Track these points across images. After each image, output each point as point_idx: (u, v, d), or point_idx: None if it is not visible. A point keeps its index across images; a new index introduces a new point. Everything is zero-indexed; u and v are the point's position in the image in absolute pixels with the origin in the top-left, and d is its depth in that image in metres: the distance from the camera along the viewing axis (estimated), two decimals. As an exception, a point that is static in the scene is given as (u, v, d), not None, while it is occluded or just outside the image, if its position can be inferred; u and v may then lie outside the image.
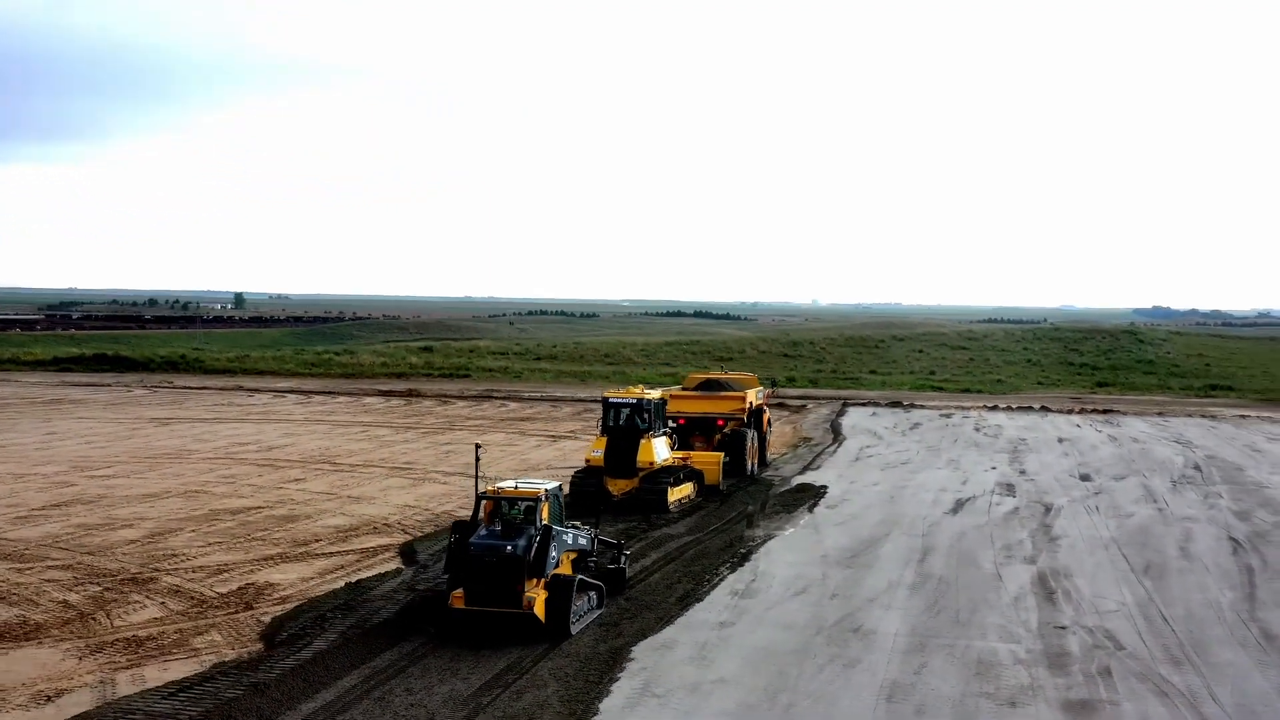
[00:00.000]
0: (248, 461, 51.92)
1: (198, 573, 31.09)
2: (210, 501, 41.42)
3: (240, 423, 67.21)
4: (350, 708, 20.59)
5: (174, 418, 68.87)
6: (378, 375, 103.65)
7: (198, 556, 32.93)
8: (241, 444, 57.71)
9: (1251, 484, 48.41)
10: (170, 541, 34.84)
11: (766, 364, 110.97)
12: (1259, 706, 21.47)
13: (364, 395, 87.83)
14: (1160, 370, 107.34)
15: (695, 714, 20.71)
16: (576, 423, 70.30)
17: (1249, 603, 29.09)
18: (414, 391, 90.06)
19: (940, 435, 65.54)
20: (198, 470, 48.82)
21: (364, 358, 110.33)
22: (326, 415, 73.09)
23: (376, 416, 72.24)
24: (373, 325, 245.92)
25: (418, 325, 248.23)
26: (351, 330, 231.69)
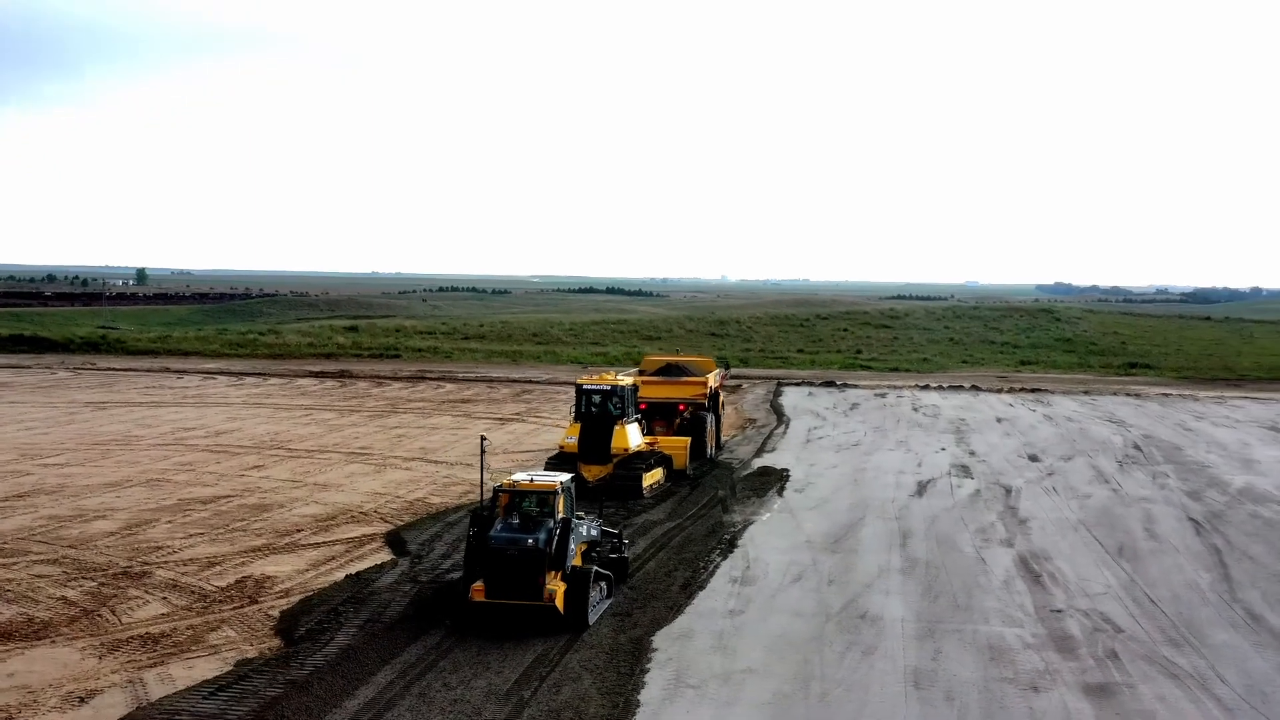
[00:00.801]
0: (199, 448, 51.33)
1: (189, 566, 30.86)
2: (175, 490, 40.98)
3: (179, 407, 66.28)
4: (395, 704, 20.72)
5: (109, 401, 67.71)
6: (305, 356, 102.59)
7: (183, 549, 32.64)
8: (187, 429, 56.99)
9: (1194, 464, 49.93)
10: (149, 533, 34.47)
11: (695, 343, 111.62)
12: (1267, 688, 22.41)
13: (295, 377, 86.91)
14: (1079, 348, 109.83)
15: (734, 704, 21.13)
16: (518, 404, 70.34)
17: (1227, 583, 30.19)
18: (346, 373, 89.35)
19: (881, 416, 66.57)
20: (151, 457, 48.19)
21: (289, 338, 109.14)
22: (264, 398, 72.32)
23: (315, 399, 71.63)
24: (282, 302, 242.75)
25: (328, 302, 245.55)
26: (261, 308, 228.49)
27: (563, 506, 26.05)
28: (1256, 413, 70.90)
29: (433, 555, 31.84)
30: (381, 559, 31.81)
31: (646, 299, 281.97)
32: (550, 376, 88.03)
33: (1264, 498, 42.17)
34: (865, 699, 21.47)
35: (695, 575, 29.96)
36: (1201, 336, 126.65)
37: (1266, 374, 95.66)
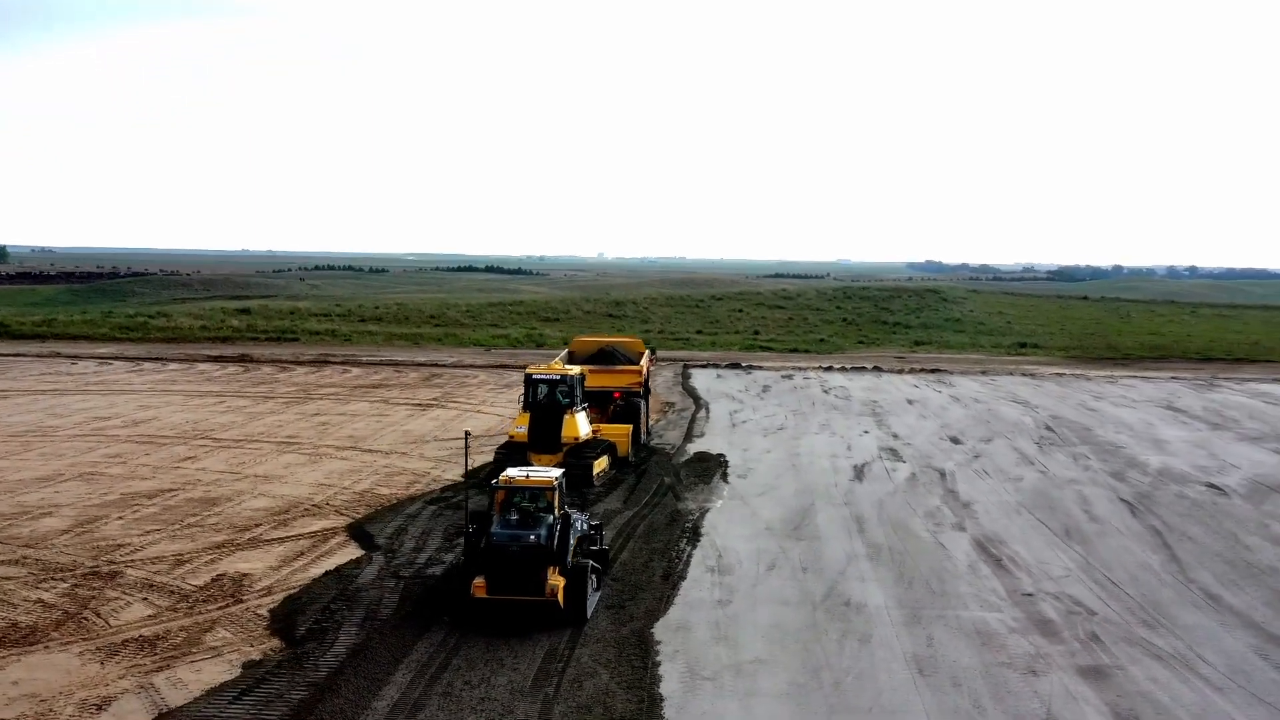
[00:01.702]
0: (121, 438, 50.37)
1: (157, 564, 30.51)
2: (114, 484, 40.29)
3: (84, 394, 64.75)
4: (423, 705, 20.90)
5: (10, 390, 65.89)
6: (200, 340, 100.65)
7: (144, 547, 32.23)
8: (102, 418, 55.79)
9: (1108, 445, 51.83)
10: (104, 531, 33.94)
11: (593, 324, 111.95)
12: (1246, 667, 23.69)
13: (194, 362, 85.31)
14: (969, 328, 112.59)
15: (754, 696, 21.72)
16: (432, 389, 70.05)
17: (1176, 564, 31.65)
18: (246, 357, 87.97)
19: (795, 398, 67.66)
20: (76, 449, 47.21)
21: (181, 320, 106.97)
22: (169, 385, 70.94)
23: (223, 386, 70.47)
24: (155, 282, 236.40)
25: (203, 282, 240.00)
26: (133, 287, 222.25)
27: (558, 502, 26.33)
28: (1150, 392, 73.58)
29: (404, 549, 31.85)
30: (352, 554, 31.74)
31: (528, 278, 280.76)
32: (456, 360, 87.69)
33: (1184, 478, 44.00)
34: (877, 687, 22.20)
35: (672, 565, 30.45)
36: (1081, 316, 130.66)
37: (1149, 353, 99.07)
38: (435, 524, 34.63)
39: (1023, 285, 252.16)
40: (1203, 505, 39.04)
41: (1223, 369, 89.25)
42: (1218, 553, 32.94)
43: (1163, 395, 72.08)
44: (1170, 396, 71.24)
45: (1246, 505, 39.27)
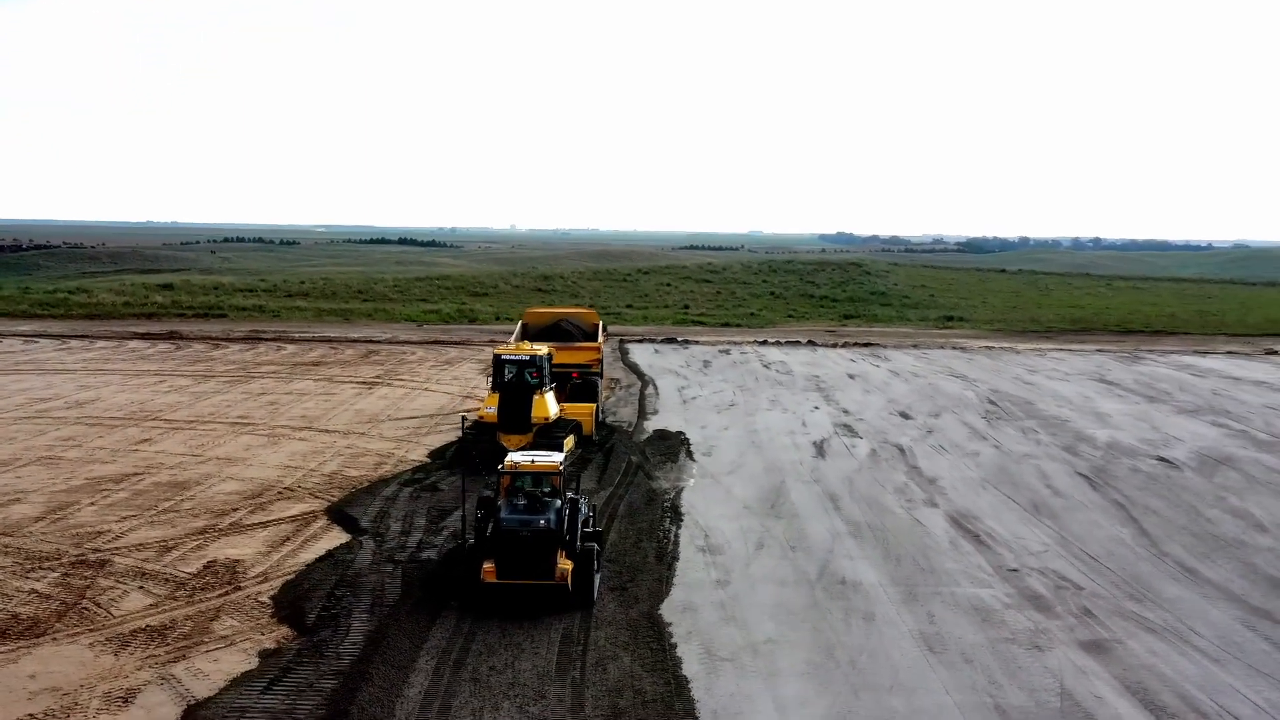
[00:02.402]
0: (69, 420, 49.60)
1: (143, 551, 30.27)
2: (76, 469, 39.75)
3: (18, 374, 63.52)
4: (455, 692, 21.09)
5: (-60, 370, 64.40)
6: (124, 316, 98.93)
7: (126, 534, 31.93)
8: (42, 400, 54.84)
9: (1052, 418, 53.10)
10: (80, 517, 33.54)
11: (522, 298, 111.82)
12: (1236, 638, 24.66)
13: (122, 339, 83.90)
14: (895, 302, 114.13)
15: (776, 676, 22.21)
16: (373, 366, 69.64)
17: (1147, 538, 32.69)
18: (176, 334, 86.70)
19: (738, 374, 68.27)
20: (26, 432, 46.45)
21: (102, 296, 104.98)
22: (103, 364, 69.76)
23: (159, 364, 69.43)
24: (60, 255, 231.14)
25: (110, 255, 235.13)
26: (37, 260, 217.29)
27: (564, 486, 26.58)
28: (1079, 365, 75.32)
29: (392, 533, 31.88)
30: (339, 538, 31.71)
31: (443, 250, 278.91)
32: (390, 336, 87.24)
33: (1133, 451, 45.28)
34: (894, 665, 22.79)
35: (663, 546, 30.82)
36: (1002, 289, 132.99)
37: (1070, 325, 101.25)
38: (416, 507, 34.66)
39: (940, 258, 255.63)
40: (1158, 479, 40.23)
41: (1144, 341, 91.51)
42: (1183, 526, 34.02)
43: (1092, 368, 73.78)
44: (1100, 369, 72.96)
45: (1199, 478, 40.53)
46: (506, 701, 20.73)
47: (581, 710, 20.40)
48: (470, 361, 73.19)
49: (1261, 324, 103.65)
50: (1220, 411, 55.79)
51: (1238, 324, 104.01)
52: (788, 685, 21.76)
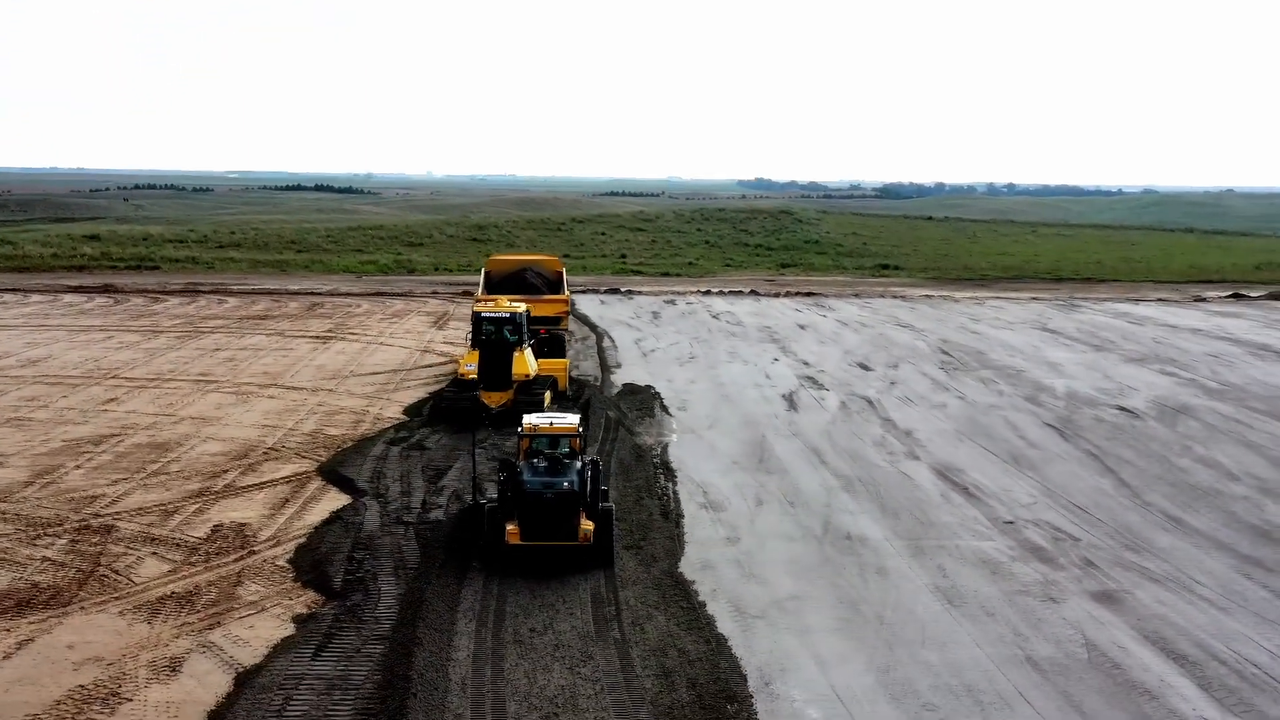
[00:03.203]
0: (28, 379, 48.90)
1: (145, 516, 30.19)
2: (50, 431, 39.33)
3: (-40, 331, 62.27)
4: (504, 655, 21.44)
5: (-123, 327, 62.96)
6: (53, 269, 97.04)
7: (121, 498, 31.78)
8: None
9: (1007, 368, 54.30)
10: (70, 482, 33.29)
11: (458, 249, 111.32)
12: (1236, 586, 25.76)
13: (56, 293, 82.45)
14: (830, 250, 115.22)
15: (811, 632, 22.85)
16: (321, 320, 69.19)
17: (1128, 489, 33.79)
18: (111, 287, 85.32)
19: (690, 325, 68.76)
20: (-15, 393, 45.72)
21: (28, 248, 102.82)
22: (43, 319, 68.56)
23: (101, 319, 68.35)
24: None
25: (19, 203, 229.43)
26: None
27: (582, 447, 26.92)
28: (1019, 314, 76.83)
29: (392, 494, 32.01)
30: (340, 499, 31.80)
31: (362, 197, 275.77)
32: (332, 288, 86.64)
33: (1092, 401, 46.54)
34: (919, 619, 23.53)
35: (664, 504, 31.29)
36: (930, 236, 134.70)
37: (1003, 273, 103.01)
38: (409, 466, 34.78)
39: (863, 204, 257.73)
40: (1123, 429, 41.43)
41: (1077, 289, 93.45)
42: (1158, 475, 35.18)
43: (1033, 316, 75.30)
44: (1040, 318, 74.49)
45: (1162, 428, 41.81)
46: (556, 664, 21.11)
47: (631, 670, 20.85)
48: (418, 314, 72.97)
49: (1186, 271, 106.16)
50: (1166, 360, 57.35)
51: (1163, 271, 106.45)
52: (823, 642, 22.38)
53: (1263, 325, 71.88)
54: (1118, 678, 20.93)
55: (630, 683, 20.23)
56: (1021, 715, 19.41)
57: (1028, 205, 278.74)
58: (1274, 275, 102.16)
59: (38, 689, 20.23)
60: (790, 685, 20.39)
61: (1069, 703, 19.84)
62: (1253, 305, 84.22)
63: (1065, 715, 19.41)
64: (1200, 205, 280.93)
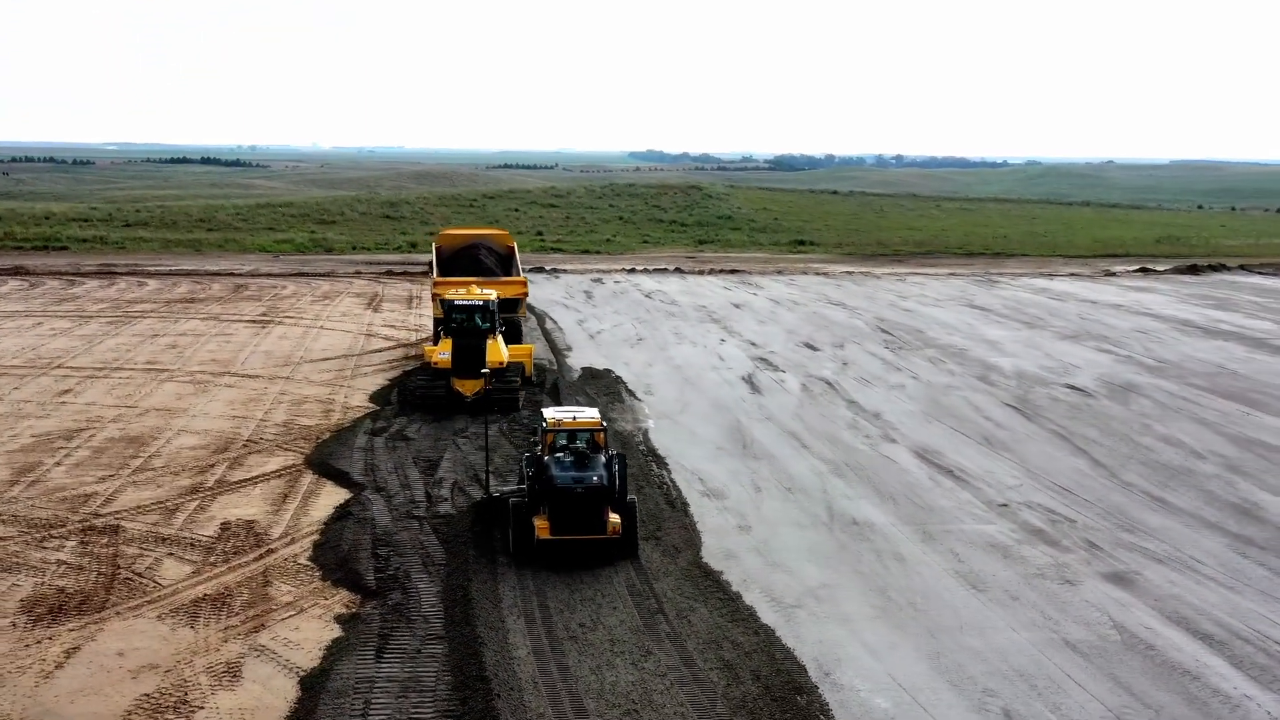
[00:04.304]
0: (-32, 370, 47.72)
1: (147, 515, 29.92)
2: (13, 425, 38.66)
3: (-120, 319, 60.41)
4: (564, 651, 21.75)
5: None
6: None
7: (115, 496, 31.44)
8: (-75, 347, 52.49)
9: (950, 347, 55.65)
10: (55, 480, 32.83)
11: (372, 226, 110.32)
12: (1235, 565, 27.00)
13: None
14: (744, 226, 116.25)
15: (851, 621, 23.53)
16: (252, 303, 68.33)
17: (1103, 468, 35.06)
18: (21, 269, 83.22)
19: (626, 305, 69.13)
20: (-68, 385, 44.59)
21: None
22: (-40, 304, 66.74)
23: (24, 304, 66.70)
24: None
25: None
26: None
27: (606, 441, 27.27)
28: (942, 290, 78.54)
29: (392, 487, 32.04)
30: (339, 494, 31.76)
31: (252, 171, 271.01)
32: (252, 268, 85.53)
33: (1041, 380, 47.98)
34: (951, 605, 24.34)
35: (667, 493, 31.73)
36: (839, 211, 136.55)
37: (915, 249, 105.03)
38: (399, 458, 34.79)
39: (762, 176, 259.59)
40: (1080, 408, 42.83)
41: (989, 264, 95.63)
42: (1128, 455, 36.52)
43: (956, 293, 77.02)
44: (964, 294, 76.24)
45: (1116, 406, 43.30)
46: (619, 659, 21.49)
47: (693, 664, 21.32)
48: (347, 295, 72.42)
49: (1091, 245, 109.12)
50: (1098, 337, 59.17)
51: (1068, 245, 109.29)
52: (867, 630, 23.06)
53: (1178, 300, 74.36)
54: (1155, 659, 21.89)
55: (697, 677, 20.69)
56: (1076, 699, 20.22)
57: (919, 177, 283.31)
58: (1175, 249, 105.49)
59: (104, 699, 20.11)
60: (850, 675, 21.01)
61: (1118, 684, 20.74)
62: (1162, 280, 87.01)
63: (1118, 697, 20.26)
64: (1084, 177, 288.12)
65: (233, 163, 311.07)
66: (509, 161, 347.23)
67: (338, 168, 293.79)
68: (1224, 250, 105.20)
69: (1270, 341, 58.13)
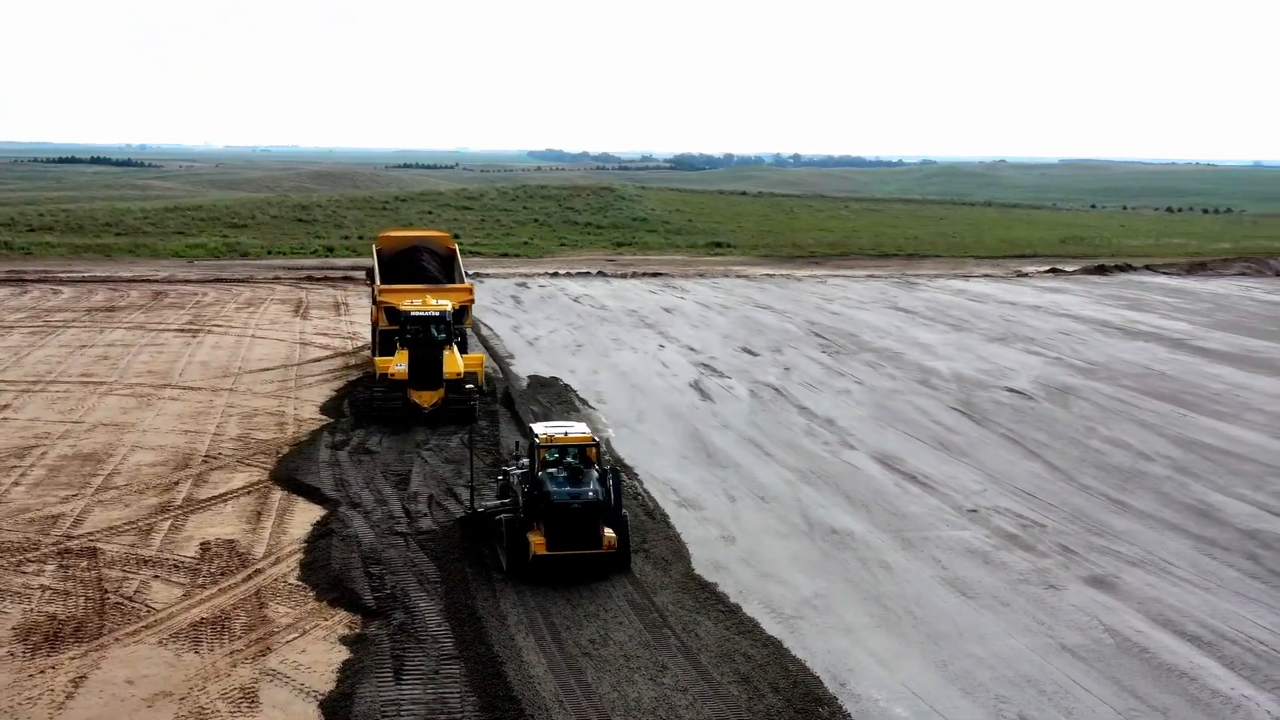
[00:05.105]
0: (-105, 385, 46.51)
1: (120, 536, 29.56)
2: (-44, 443, 37.73)
3: None
4: (581, 669, 21.90)
5: None
6: None
7: (84, 517, 30.95)
8: None
9: (886, 351, 56.68)
10: (15, 500, 32.24)
11: (285, 230, 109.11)
12: (1208, 567, 28.00)
13: None
14: (659, 228, 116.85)
15: (853, 631, 24.04)
16: (174, 311, 67.31)
17: (1060, 472, 36.07)
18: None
19: (558, 310, 69.24)
20: None
21: None
22: None
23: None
24: None
25: None
26: None
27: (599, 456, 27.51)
28: (864, 292, 79.90)
29: (367, 502, 31.94)
30: (314, 511, 31.58)
31: (146, 171, 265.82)
32: (168, 274, 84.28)
33: (981, 384, 49.12)
34: (946, 612, 24.97)
35: (644, 504, 32.02)
36: (750, 212, 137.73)
37: (829, 250, 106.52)
38: (367, 473, 34.67)
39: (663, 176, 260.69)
40: (1024, 411, 43.96)
41: (905, 266, 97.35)
42: (1080, 458, 37.61)
43: (878, 295, 78.37)
44: (886, 297, 77.59)
45: (1057, 409, 44.52)
46: (637, 675, 21.74)
47: (710, 678, 21.65)
48: (272, 303, 71.67)
49: (998, 245, 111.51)
50: (1024, 339, 60.65)
51: (977, 245, 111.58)
52: (871, 640, 23.59)
53: (1092, 301, 76.40)
54: (1150, 661, 22.70)
55: (718, 691, 21.03)
56: (1085, 703, 20.92)
57: (819, 177, 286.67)
58: (1080, 249, 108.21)
59: (125, 730, 19.87)
60: (865, 685, 21.50)
61: (1121, 688, 21.48)
62: (1073, 280, 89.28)
63: (1124, 700, 21.01)
64: (978, 175, 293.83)
65: (124, 162, 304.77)
66: (406, 161, 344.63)
67: (233, 168, 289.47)
68: (1127, 250, 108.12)
69: (1188, 342, 60.02)
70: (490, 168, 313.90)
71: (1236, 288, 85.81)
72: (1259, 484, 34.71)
